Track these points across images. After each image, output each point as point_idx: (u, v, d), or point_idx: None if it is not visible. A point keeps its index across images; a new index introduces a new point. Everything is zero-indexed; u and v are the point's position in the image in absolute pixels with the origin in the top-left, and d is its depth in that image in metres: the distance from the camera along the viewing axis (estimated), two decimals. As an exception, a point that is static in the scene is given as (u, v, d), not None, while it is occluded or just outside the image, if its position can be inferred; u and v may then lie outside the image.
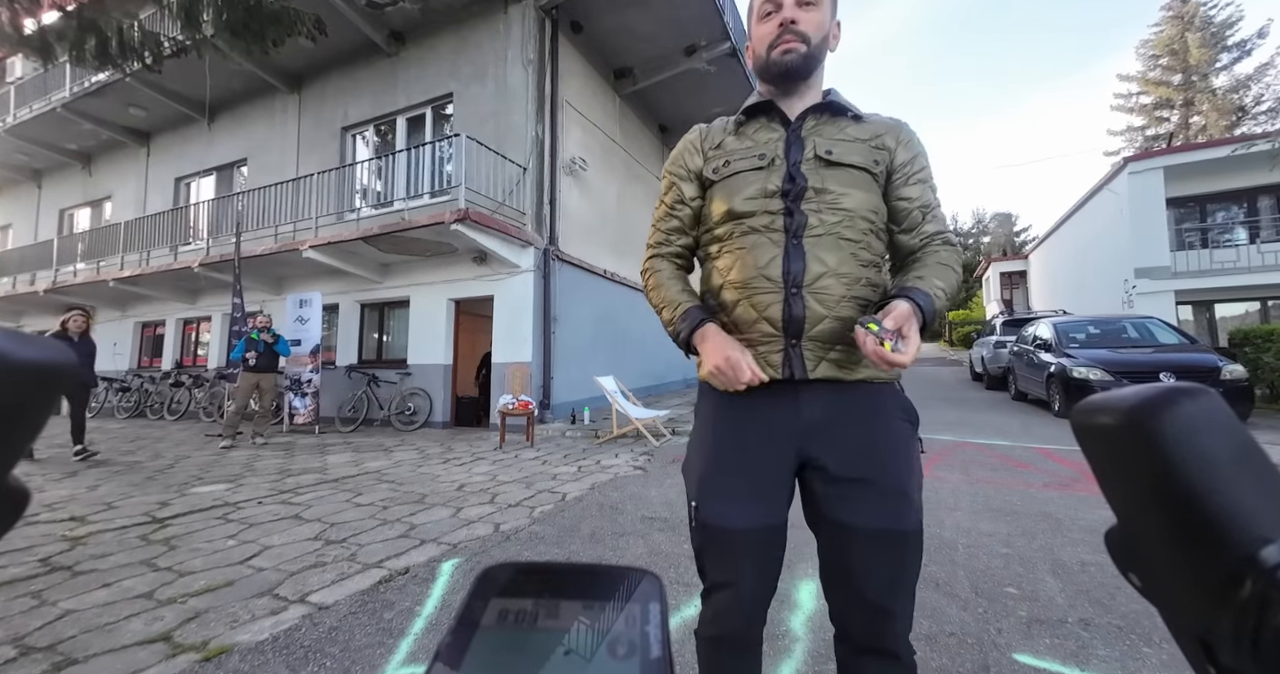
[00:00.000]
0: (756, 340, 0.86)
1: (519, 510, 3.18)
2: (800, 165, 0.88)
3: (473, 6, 7.70)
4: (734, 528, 0.83)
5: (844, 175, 0.87)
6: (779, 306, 0.84)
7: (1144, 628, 1.65)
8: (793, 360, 0.84)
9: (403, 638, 1.72)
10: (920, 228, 0.91)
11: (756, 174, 0.90)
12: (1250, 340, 7.40)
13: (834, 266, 0.84)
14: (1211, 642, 0.18)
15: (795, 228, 0.85)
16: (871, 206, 0.88)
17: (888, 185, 0.92)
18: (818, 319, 0.83)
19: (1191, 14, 22.05)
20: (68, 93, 10.60)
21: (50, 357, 0.17)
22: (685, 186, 1.00)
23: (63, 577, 2.23)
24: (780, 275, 0.84)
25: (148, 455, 5.48)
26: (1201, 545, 0.18)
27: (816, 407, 0.84)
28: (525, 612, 0.19)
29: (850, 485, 0.80)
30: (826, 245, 0.84)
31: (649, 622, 0.18)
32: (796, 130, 0.91)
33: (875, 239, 0.89)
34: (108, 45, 4.85)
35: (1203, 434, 0.18)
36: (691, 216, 1.00)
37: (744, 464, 0.85)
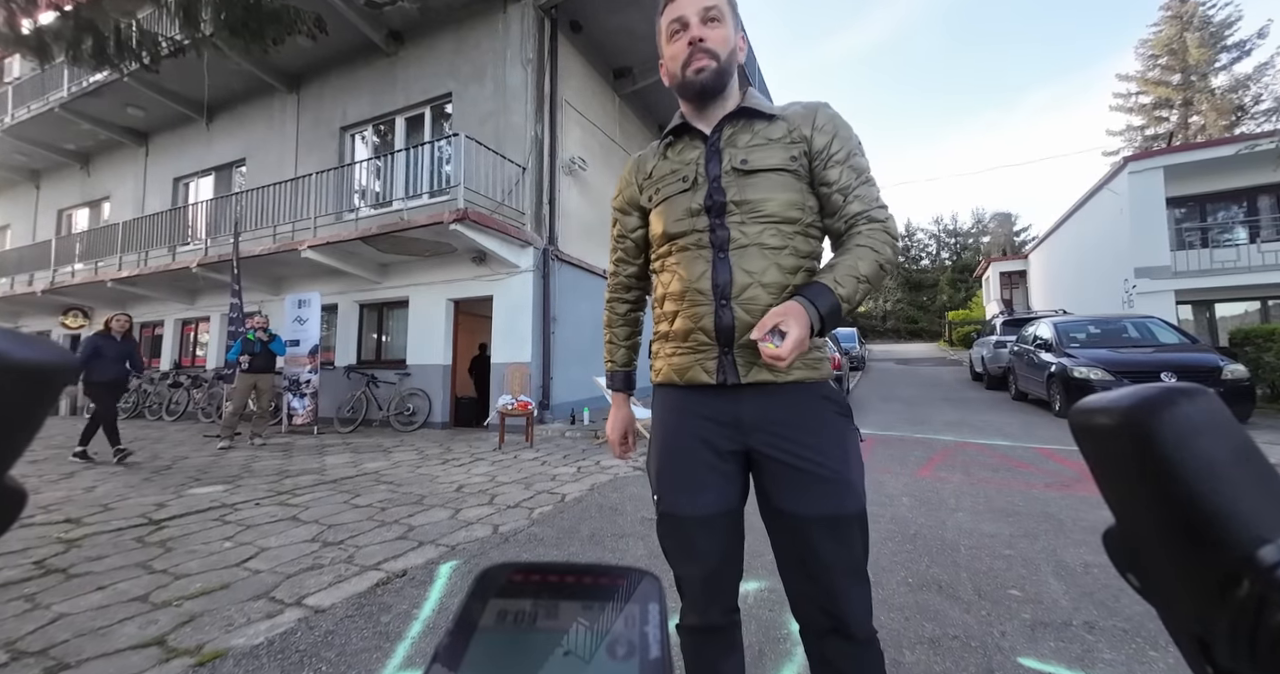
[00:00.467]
0: (695, 348, 0.92)
1: (518, 512, 3.16)
2: (720, 180, 0.92)
3: (472, 6, 7.68)
4: (689, 514, 0.89)
5: (762, 181, 0.90)
6: (711, 318, 0.89)
7: (1149, 631, 1.63)
8: (725, 367, 0.89)
9: (400, 642, 1.70)
10: (843, 210, 0.91)
11: (683, 196, 0.95)
12: (1251, 340, 7.39)
13: (759, 277, 0.88)
14: (1209, 641, 0.19)
15: (720, 242, 0.90)
16: (795, 205, 0.91)
17: (811, 174, 0.93)
18: (746, 327, 0.86)
19: (1190, 14, 22.05)
20: (66, 93, 10.57)
21: (48, 357, 0.17)
22: (626, 220, 1.09)
23: (57, 579, 2.21)
24: (710, 288, 0.89)
25: (145, 456, 5.46)
26: (1199, 546, 0.18)
27: (754, 406, 0.89)
28: (524, 612, 0.19)
29: (792, 476, 0.85)
30: (750, 257, 0.88)
31: (648, 622, 0.18)
32: (714, 144, 0.95)
33: (803, 240, 0.92)
34: (105, 45, 4.83)
35: (1200, 435, 0.18)
36: (634, 247, 1.10)
37: (693, 457, 0.91)
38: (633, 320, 1.17)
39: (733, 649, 0.94)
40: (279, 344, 6.65)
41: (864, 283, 0.85)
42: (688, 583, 0.92)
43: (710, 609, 0.92)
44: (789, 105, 0.98)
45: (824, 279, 0.85)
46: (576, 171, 8.18)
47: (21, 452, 0.18)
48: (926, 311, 37.20)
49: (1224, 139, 12.08)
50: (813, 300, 0.82)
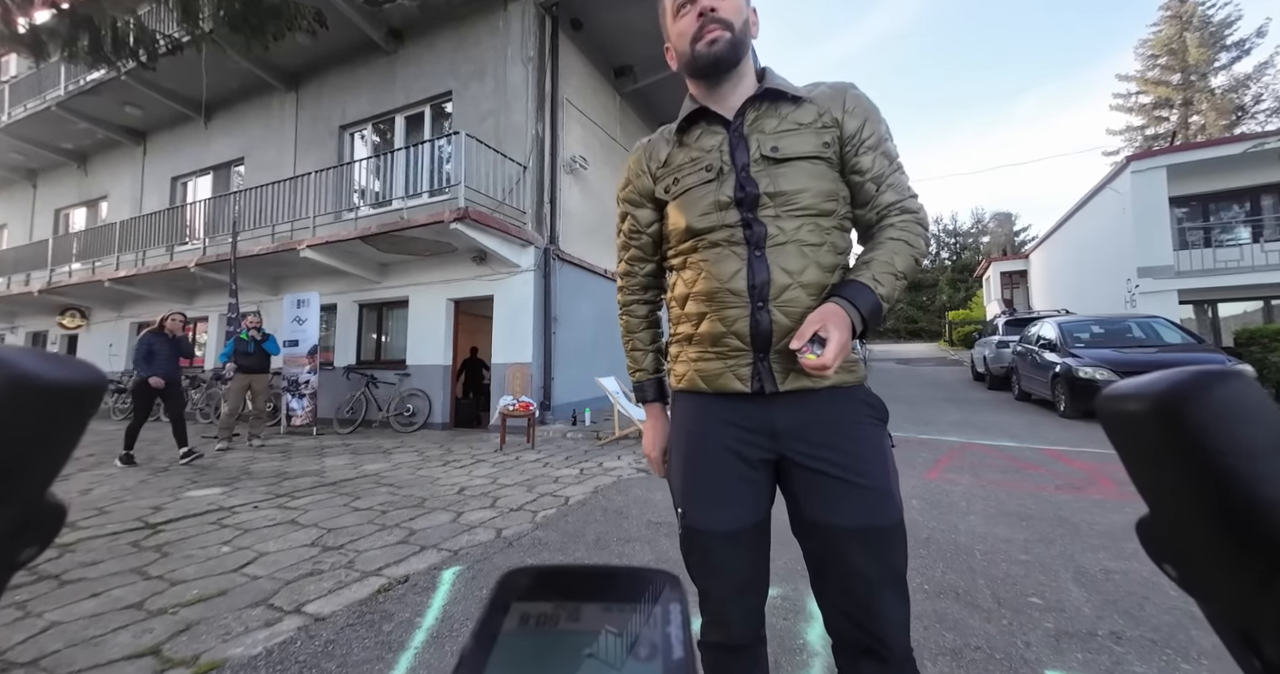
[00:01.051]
0: (726, 353, 0.85)
1: (521, 515, 3.11)
2: (749, 169, 0.85)
3: (472, 3, 7.63)
4: (715, 529, 0.84)
5: (795, 171, 0.83)
6: (746, 321, 0.83)
7: (1180, 642, 1.58)
8: (762, 374, 0.83)
9: (402, 652, 1.65)
10: (875, 200, 0.86)
11: (707, 187, 0.87)
12: (1256, 339, 7.35)
13: (798, 277, 0.82)
14: (1255, 635, 0.18)
15: (756, 239, 0.83)
16: (831, 196, 0.85)
17: (842, 161, 0.87)
18: (784, 332, 0.81)
19: (1190, 14, 22.04)
20: (63, 91, 10.50)
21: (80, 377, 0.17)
22: (639, 213, 1.00)
23: (50, 586, 2.15)
24: (745, 289, 0.83)
25: (143, 458, 5.39)
26: (1240, 534, 0.17)
27: (789, 414, 0.83)
28: (546, 615, 0.19)
29: (829, 486, 0.80)
30: (789, 254, 0.82)
31: (670, 622, 0.18)
32: (738, 129, 0.87)
33: (840, 235, 0.87)
34: (102, 42, 4.77)
35: (1238, 418, 0.17)
36: (650, 243, 1.01)
37: (720, 468, 0.86)
38: (655, 322, 1.09)
39: (756, 667, 0.89)
40: (272, 344, 6.51)
41: (901, 279, 0.81)
42: (713, 599, 0.87)
43: (735, 627, 0.86)
44: (814, 85, 0.91)
45: (861, 277, 0.80)
46: (577, 170, 8.13)
47: (59, 469, 0.18)
48: (926, 311, 37.15)
49: (1228, 138, 12.06)
50: (852, 301, 0.77)
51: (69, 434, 0.18)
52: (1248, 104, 21.53)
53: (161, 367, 5.03)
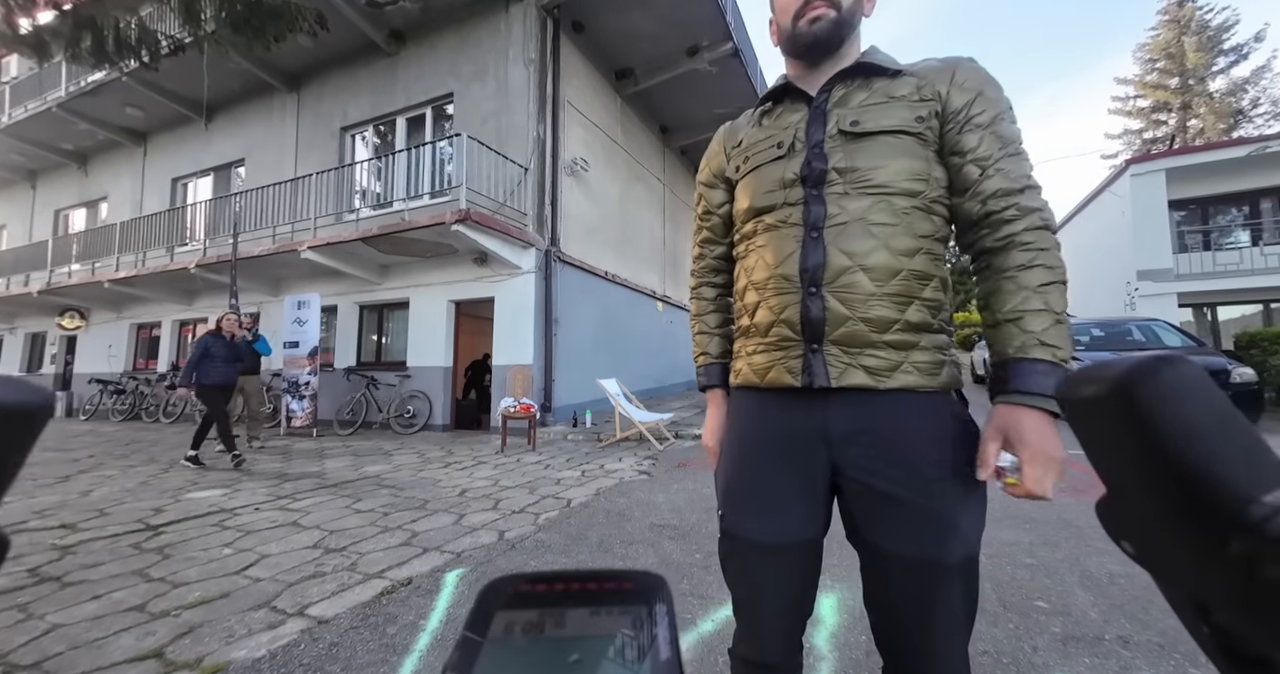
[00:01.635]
0: (777, 344, 0.78)
1: (523, 517, 3.10)
2: (823, 145, 0.77)
3: (474, 6, 7.64)
4: (757, 540, 0.77)
5: (877, 146, 0.74)
6: (796, 308, 0.75)
7: (1187, 646, 1.58)
8: (813, 366, 0.74)
9: (407, 655, 1.64)
10: (978, 187, 0.73)
11: (775, 164, 0.81)
12: (1257, 343, 7.36)
13: (861, 259, 0.72)
14: (1206, 603, 0.19)
15: (814, 219, 0.75)
16: (917, 175, 0.74)
17: (941, 142, 0.76)
18: (840, 320, 0.73)
19: (1188, 18, 22.15)
20: (64, 92, 10.50)
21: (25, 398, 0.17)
22: (711, 194, 0.96)
23: (51, 588, 2.14)
24: (796, 273, 0.76)
25: (142, 459, 5.38)
26: (1188, 508, 0.18)
27: (846, 417, 0.73)
28: (531, 622, 0.19)
29: (884, 505, 0.71)
30: (853, 235, 0.73)
31: (657, 623, 0.18)
32: (820, 106, 0.80)
33: (923, 216, 0.74)
34: (104, 43, 4.77)
35: (1184, 400, 0.19)
36: (721, 225, 0.96)
37: (770, 474, 0.78)
38: (724, 306, 1.00)
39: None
40: (263, 344, 6.33)
41: (1063, 322, 0.67)
42: (747, 612, 0.80)
43: (771, 644, 0.79)
44: (922, 61, 0.81)
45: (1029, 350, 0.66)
46: (579, 172, 8.13)
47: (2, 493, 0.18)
48: (926, 314, 37.24)
49: (1227, 141, 12.10)
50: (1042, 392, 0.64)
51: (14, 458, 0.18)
52: (1246, 108, 21.61)
53: (218, 371, 4.88)
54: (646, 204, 10.71)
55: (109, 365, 11.14)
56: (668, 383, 10.92)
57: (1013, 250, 0.70)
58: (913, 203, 0.74)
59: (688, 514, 3.06)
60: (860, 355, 0.72)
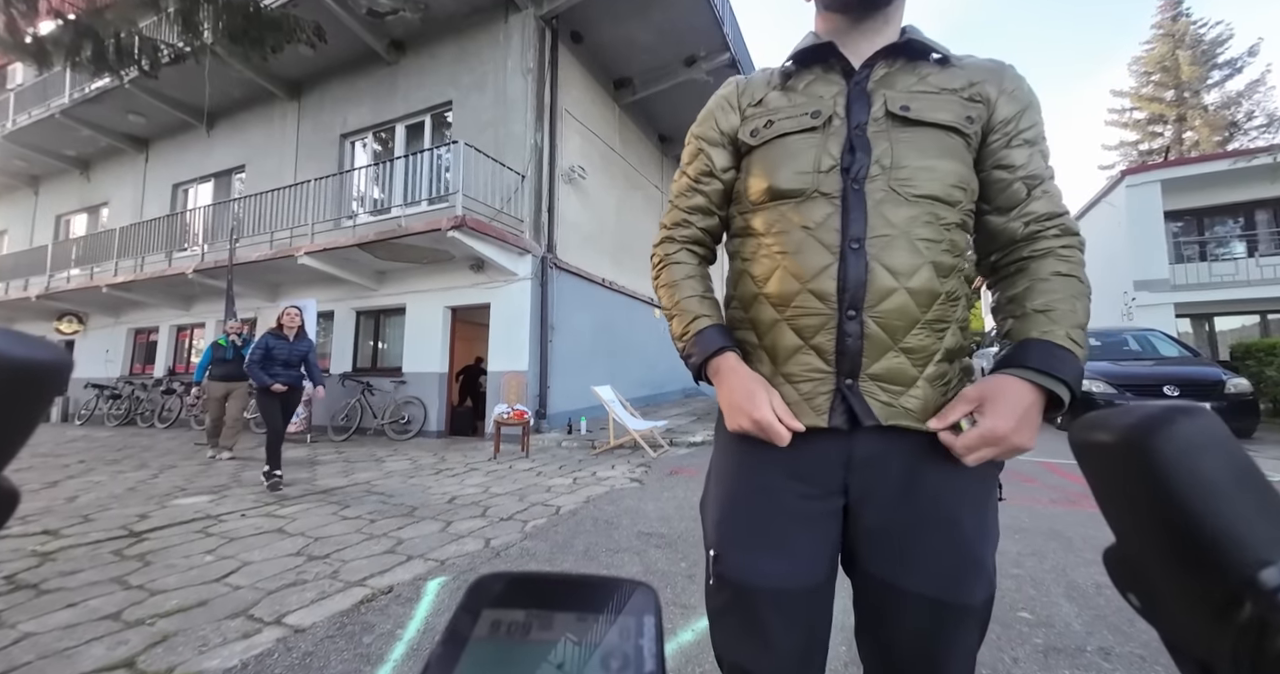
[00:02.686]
0: (797, 375, 0.67)
1: (511, 524, 3.08)
2: (865, 128, 0.66)
3: (473, 16, 7.74)
4: (764, 586, 0.64)
5: (925, 140, 0.65)
6: (831, 334, 0.64)
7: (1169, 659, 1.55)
8: (852, 404, 0.64)
9: (381, 665, 1.62)
10: (1024, 208, 0.67)
11: (807, 138, 0.68)
12: (1252, 354, 7.35)
13: (908, 280, 0.63)
14: (1211, 664, 0.18)
15: (853, 226, 0.65)
16: (961, 181, 0.66)
17: (982, 150, 0.69)
18: (881, 350, 0.63)
19: (1182, 32, 22.40)
20: (67, 99, 10.60)
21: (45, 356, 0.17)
22: (715, 154, 0.78)
23: (27, 595, 2.12)
24: (835, 292, 0.64)
25: (133, 465, 5.35)
26: (1200, 567, 0.18)
27: (873, 446, 0.65)
28: (518, 623, 0.19)
29: (903, 537, 0.63)
30: (898, 250, 0.63)
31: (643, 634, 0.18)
32: (861, 82, 0.69)
33: (960, 232, 0.67)
34: (105, 52, 4.82)
35: (1200, 454, 0.18)
36: (721, 193, 0.78)
37: (776, 509, 0.67)
38: (705, 275, 0.82)
39: None
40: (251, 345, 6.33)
41: (1085, 328, 0.63)
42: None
43: None
44: (966, 56, 0.73)
45: (1053, 335, 0.60)
46: (576, 180, 8.18)
47: (16, 451, 0.18)
48: (925, 323, 37.29)
49: (1221, 153, 12.18)
50: (1044, 370, 0.58)
51: (30, 416, 0.17)
52: (1240, 120, 21.78)
53: (280, 375, 4.37)
54: (644, 212, 10.76)
55: (106, 370, 11.12)
56: (663, 390, 10.90)
57: (1049, 258, 0.66)
58: (954, 215, 0.66)
59: (676, 522, 3.04)
60: (903, 396, 0.64)
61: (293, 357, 4.41)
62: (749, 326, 0.72)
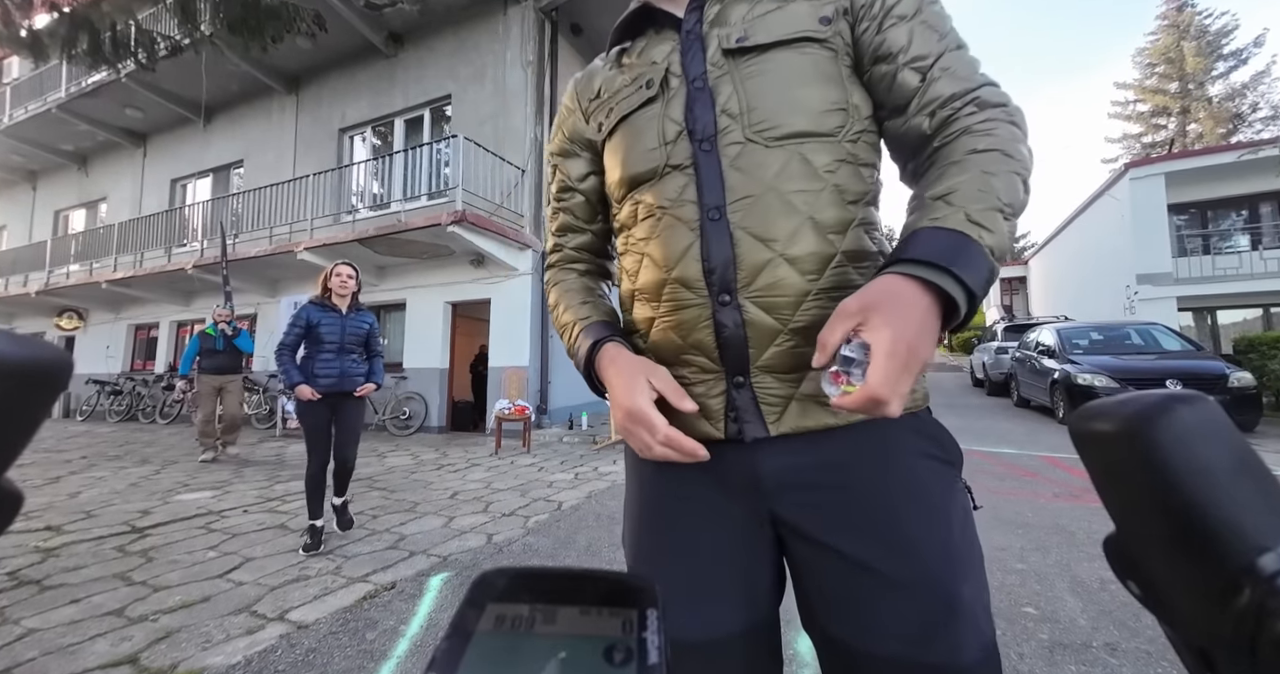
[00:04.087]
0: (687, 379, 0.57)
1: (513, 520, 3.08)
2: (705, 77, 0.56)
3: (472, 8, 7.66)
4: (686, 638, 0.53)
5: (776, 68, 0.54)
6: (707, 326, 0.54)
7: (1175, 655, 1.55)
8: (740, 410, 0.54)
9: (384, 661, 1.62)
10: (923, 97, 0.53)
11: (648, 111, 0.60)
12: (1255, 347, 7.33)
13: (785, 247, 0.52)
14: (1211, 652, 0.19)
15: (708, 192, 0.54)
16: (835, 103, 0.54)
17: (856, 50, 0.56)
18: (768, 337, 0.52)
19: (1187, 23, 22.20)
20: (63, 93, 10.53)
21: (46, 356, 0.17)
22: (569, 165, 0.71)
23: (30, 592, 2.12)
24: (700, 274, 0.54)
25: (134, 461, 5.36)
26: (1199, 554, 0.18)
27: (782, 458, 0.53)
28: (522, 617, 0.19)
29: (849, 579, 0.50)
30: (766, 211, 0.52)
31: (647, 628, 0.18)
32: (694, 29, 0.59)
33: (853, 173, 0.54)
34: (101, 44, 4.78)
35: (1200, 442, 0.18)
36: (585, 205, 0.72)
37: (690, 542, 0.56)
38: (591, 284, 0.73)
39: None
40: (245, 340, 5.56)
41: (1009, 217, 0.47)
42: None
43: None
44: None
45: (942, 219, 0.46)
46: (576, 174, 8.13)
47: (18, 454, 0.18)
48: (926, 317, 37.27)
49: (1226, 145, 12.11)
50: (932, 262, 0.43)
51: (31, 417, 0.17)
52: (1245, 112, 21.63)
53: (332, 364, 2.72)
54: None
55: (106, 366, 11.12)
56: (665, 385, 10.90)
57: (964, 137, 0.51)
58: (834, 150, 0.54)
59: (678, 518, 3.04)
60: (802, 382, 0.53)
61: (348, 338, 2.81)
62: (634, 329, 0.63)
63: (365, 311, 2.99)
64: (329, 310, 2.82)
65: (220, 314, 5.52)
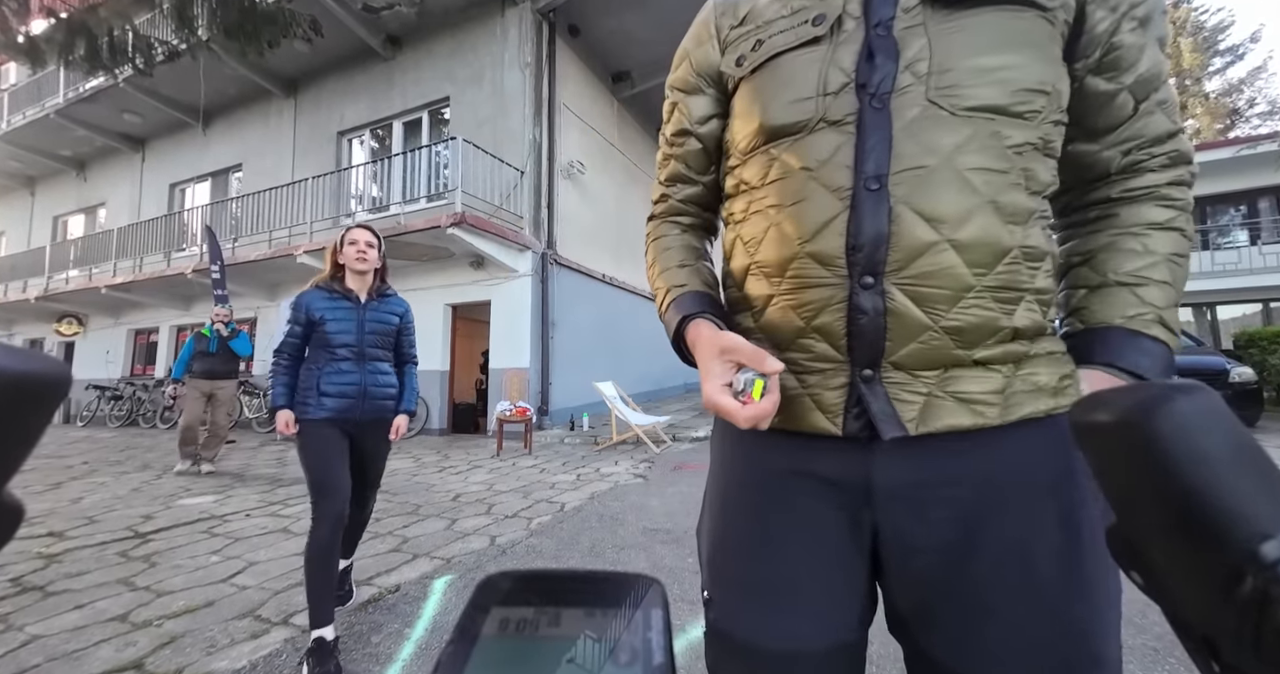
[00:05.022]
0: (802, 365, 0.50)
1: (516, 522, 3.07)
2: (891, 25, 0.46)
3: (469, 10, 7.67)
4: (764, 646, 0.49)
5: (983, 28, 0.45)
6: (839, 310, 0.47)
7: (1182, 651, 1.55)
8: (869, 405, 0.46)
9: (390, 665, 1.61)
10: (1129, 129, 0.47)
11: (808, 53, 0.50)
12: (1256, 342, 7.34)
13: (955, 230, 0.44)
14: (1215, 640, 0.19)
15: (872, 158, 0.45)
16: (1040, 84, 0.45)
17: (1077, 39, 0.47)
18: (913, 331, 0.45)
19: (1183, 19, 22.24)
20: (61, 99, 10.54)
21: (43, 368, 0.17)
22: (692, 103, 0.61)
23: (33, 598, 2.11)
24: (841, 250, 0.46)
25: (136, 466, 5.35)
26: (1201, 543, 0.18)
27: (904, 464, 0.47)
28: (527, 620, 0.19)
29: (972, 618, 0.44)
30: (940, 187, 0.44)
31: (651, 628, 0.18)
32: None
33: (1041, 160, 0.46)
34: (98, 50, 4.78)
35: (1200, 432, 0.18)
36: (701, 153, 0.63)
37: (783, 544, 0.51)
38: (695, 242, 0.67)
39: None
40: (243, 342, 5.11)
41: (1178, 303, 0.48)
42: None
43: None
44: None
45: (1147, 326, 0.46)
46: (575, 175, 8.14)
47: (18, 467, 0.18)
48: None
49: (1225, 141, 12.11)
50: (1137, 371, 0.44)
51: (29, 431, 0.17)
52: (1242, 108, 21.68)
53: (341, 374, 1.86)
54: (644, 206, 10.66)
55: (106, 371, 11.11)
56: (665, 385, 10.90)
57: (1148, 203, 0.48)
58: (1028, 133, 0.45)
59: (681, 518, 3.04)
60: (945, 380, 0.46)
61: (369, 338, 1.98)
62: (745, 307, 0.55)
63: (394, 297, 2.14)
64: (339, 298, 1.94)
65: (219, 314, 5.17)
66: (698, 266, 0.63)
